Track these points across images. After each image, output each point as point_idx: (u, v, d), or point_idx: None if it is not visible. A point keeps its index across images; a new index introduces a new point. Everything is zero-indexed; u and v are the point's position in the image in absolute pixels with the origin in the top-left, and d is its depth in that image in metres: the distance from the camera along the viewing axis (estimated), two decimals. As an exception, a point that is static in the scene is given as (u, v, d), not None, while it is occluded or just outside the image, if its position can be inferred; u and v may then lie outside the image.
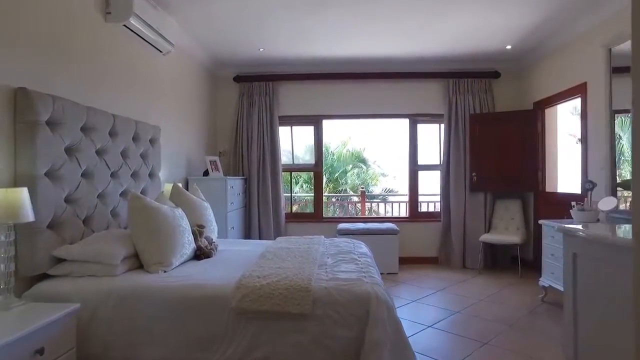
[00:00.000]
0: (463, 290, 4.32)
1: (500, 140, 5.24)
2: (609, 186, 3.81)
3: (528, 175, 5.12)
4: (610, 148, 3.80)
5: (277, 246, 2.99)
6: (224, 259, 2.76)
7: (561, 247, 3.58)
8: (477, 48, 4.92)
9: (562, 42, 4.43)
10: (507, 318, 3.44)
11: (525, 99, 5.37)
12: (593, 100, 4.05)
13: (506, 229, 5.27)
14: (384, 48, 4.92)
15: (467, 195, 5.43)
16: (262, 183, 5.44)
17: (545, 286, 3.85)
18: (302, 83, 5.59)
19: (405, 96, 5.65)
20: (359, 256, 2.72)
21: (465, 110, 5.46)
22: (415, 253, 5.58)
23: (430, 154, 5.98)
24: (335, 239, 3.52)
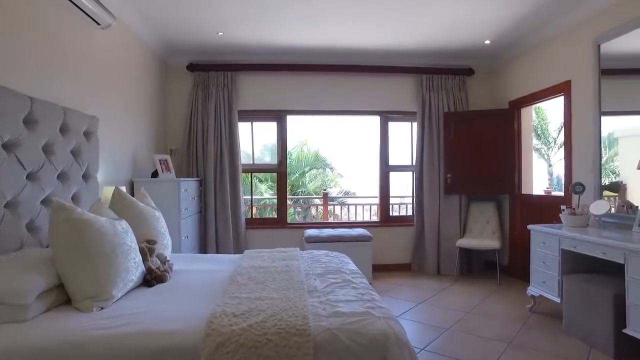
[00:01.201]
0: (445, 301, 3.97)
1: (476, 140, 4.98)
2: (596, 189, 3.62)
3: (505, 177, 4.90)
4: (597, 150, 3.62)
5: (249, 264, 2.44)
6: (183, 284, 2.16)
7: (555, 254, 3.33)
8: (454, 42, 4.62)
9: (546, 38, 4.22)
10: (504, 335, 3.11)
11: (500, 97, 5.16)
12: (578, 100, 3.86)
13: (481, 233, 5.03)
14: (356, 38, 4.49)
15: (441, 197, 5.13)
16: (220, 185, 4.82)
17: (535, 296, 3.58)
18: (264, 74, 5.03)
19: (376, 92, 5.26)
20: (352, 276, 2.24)
21: (439, 108, 5.16)
22: (387, 260, 5.20)
23: (402, 154, 5.63)
24: (315, 252, 3.02)
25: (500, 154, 4.90)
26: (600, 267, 3.24)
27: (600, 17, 3.55)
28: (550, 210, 4.28)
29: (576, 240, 3.11)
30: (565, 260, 3.27)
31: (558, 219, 3.97)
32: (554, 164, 10.26)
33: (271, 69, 4.99)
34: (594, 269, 3.24)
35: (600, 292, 2.87)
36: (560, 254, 3.28)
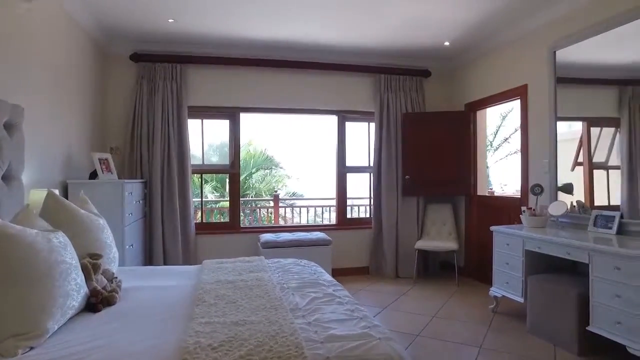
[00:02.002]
0: (409, 305, 3.89)
1: (433, 141, 4.98)
2: (553, 190, 3.72)
3: (461, 179, 4.95)
4: (554, 152, 3.71)
5: (213, 278, 2.14)
6: (138, 306, 1.82)
7: (519, 255, 3.36)
8: (414, 42, 4.58)
9: (504, 41, 4.29)
10: (473, 338, 3.07)
11: (456, 100, 5.21)
12: (534, 104, 3.95)
13: (438, 235, 5.04)
14: (315, 34, 4.31)
15: (399, 199, 5.08)
16: (168, 187, 4.41)
17: (498, 296, 3.60)
18: (218, 68, 4.68)
19: (334, 91, 5.10)
20: (332, 288, 2.03)
21: (397, 108, 5.11)
22: (345, 264, 5.06)
23: (359, 155, 5.52)
24: (282, 261, 2.78)
25: (457, 155, 4.95)
26: (561, 266, 3.32)
27: (556, 24, 3.64)
28: (505, 211, 4.37)
29: (541, 241, 3.14)
30: (529, 261, 3.30)
31: (513, 220, 4.07)
32: (490, 166, 10.75)
33: (225, 62, 4.65)
34: (555, 269, 3.31)
35: (564, 291, 2.91)
36: (524, 255, 3.30)
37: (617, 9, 3.06)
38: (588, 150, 3.53)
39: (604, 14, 3.17)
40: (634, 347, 2.42)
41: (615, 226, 3.03)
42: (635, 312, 2.41)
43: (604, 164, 3.41)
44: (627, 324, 2.45)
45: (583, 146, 3.58)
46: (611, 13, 3.11)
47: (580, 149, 3.60)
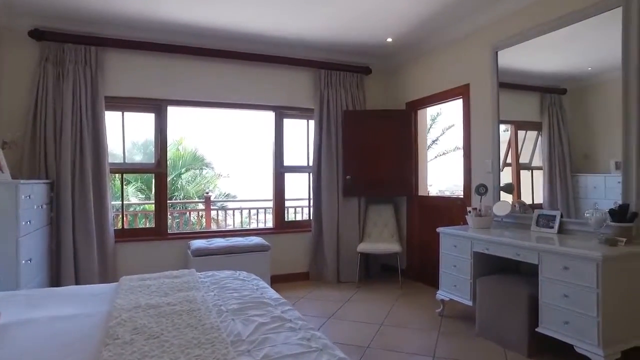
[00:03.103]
0: (354, 314, 3.68)
1: (374, 140, 4.84)
2: (496, 190, 3.71)
3: (403, 179, 4.86)
4: (496, 152, 3.71)
5: (131, 303, 1.72)
6: (16, 353, 1.34)
7: (467, 257, 3.27)
8: (356, 37, 4.40)
9: (446, 40, 4.24)
10: (425, 346, 2.91)
11: (397, 98, 5.12)
12: (477, 103, 3.93)
13: (380, 236, 4.91)
14: (253, 22, 3.96)
15: (340, 200, 4.88)
16: (80, 189, 3.80)
17: (445, 300, 3.50)
18: (141, 54, 4.14)
19: (271, 85, 4.77)
20: (281, 309, 1.71)
21: (337, 106, 4.91)
22: (284, 270, 4.75)
23: (298, 154, 5.23)
24: (217, 274, 2.39)
25: (398, 155, 4.85)
26: (504, 267, 3.29)
27: (498, 24, 3.63)
28: (447, 212, 4.34)
29: (489, 243, 3.07)
30: (476, 262, 3.23)
31: (455, 220, 4.03)
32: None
33: (151, 48, 4.12)
34: (499, 270, 3.27)
35: (514, 293, 2.85)
36: (472, 257, 3.23)
37: (551, 16, 3.13)
38: (515, 151, 3.63)
39: (541, 18, 3.22)
40: (581, 346, 2.40)
41: (556, 225, 3.05)
42: (583, 311, 2.39)
43: (528, 165, 3.56)
44: (575, 323, 2.43)
45: (511, 148, 3.65)
46: (548, 18, 3.17)
47: (508, 151, 3.66)
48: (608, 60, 2.91)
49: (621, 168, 2.74)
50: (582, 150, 3.12)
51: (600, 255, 2.31)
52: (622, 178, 2.73)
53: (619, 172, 2.78)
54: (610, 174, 2.90)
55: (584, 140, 3.11)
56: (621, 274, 2.41)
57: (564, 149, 3.23)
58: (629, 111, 2.70)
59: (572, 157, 3.17)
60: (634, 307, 2.47)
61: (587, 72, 3.14)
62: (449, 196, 5.99)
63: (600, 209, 2.76)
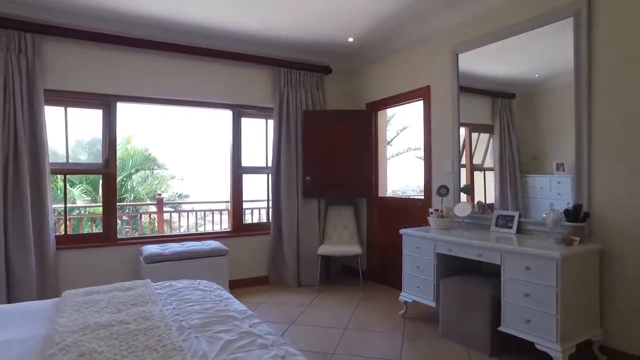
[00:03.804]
0: (317, 318, 3.59)
1: (335, 141, 4.79)
2: (456, 192, 3.77)
3: (363, 180, 4.84)
4: (457, 154, 3.77)
5: (78, 322, 1.52)
6: None
7: (430, 258, 3.28)
8: (317, 36, 4.32)
9: (408, 42, 4.25)
10: (391, 350, 2.88)
11: (357, 99, 5.10)
12: (437, 105, 3.97)
13: (341, 238, 4.86)
14: (211, 16, 3.77)
15: (299, 202, 4.78)
16: (15, 191, 3.44)
17: (408, 301, 3.50)
18: (88, 45, 3.82)
19: (229, 83, 4.59)
20: (249, 322, 1.58)
21: (297, 105, 4.81)
22: (242, 274, 4.59)
23: (256, 154, 5.07)
24: (175, 284, 2.21)
25: (359, 156, 4.83)
26: (465, 268, 3.33)
27: (459, 28, 3.69)
28: (407, 213, 4.36)
29: (452, 244, 3.10)
30: (440, 264, 3.25)
31: (415, 222, 4.06)
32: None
33: (101, 39, 3.81)
34: (460, 271, 3.31)
35: (477, 293, 2.88)
36: (435, 258, 3.24)
37: (506, 23, 3.25)
38: (470, 153, 3.73)
39: (497, 25, 3.33)
40: (541, 343, 2.46)
41: (515, 225, 3.13)
42: (543, 309, 2.45)
43: (481, 166, 3.68)
44: (535, 321, 2.49)
45: (466, 149, 3.73)
46: (503, 25, 3.29)
47: (463, 152, 3.75)
48: (553, 68, 3.09)
49: (574, 170, 2.85)
50: (530, 152, 3.25)
51: (560, 255, 2.38)
52: (574, 180, 2.84)
53: (559, 172, 2.99)
54: (554, 175, 3.05)
55: (531, 142, 3.24)
56: (576, 272, 2.51)
57: (514, 151, 3.35)
58: (580, 116, 2.81)
59: (521, 159, 3.30)
60: (585, 303, 2.59)
61: (534, 79, 3.27)
62: (409, 197, 6.06)
63: (556, 209, 2.85)
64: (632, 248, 2.57)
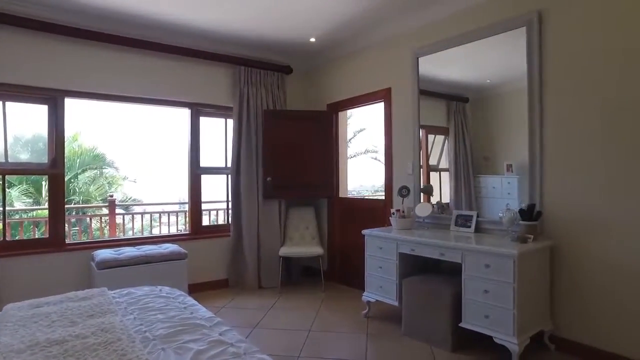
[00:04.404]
0: (280, 320, 3.55)
1: (296, 141, 4.77)
2: (417, 192, 3.85)
3: (324, 181, 4.84)
4: (417, 155, 3.85)
5: (24, 340, 1.39)
6: None
7: (393, 258, 3.32)
8: (278, 35, 4.27)
9: (370, 43, 4.29)
10: (356, 351, 2.89)
11: (318, 99, 5.09)
12: (398, 107, 4.04)
13: (302, 239, 4.84)
14: (168, 9, 3.62)
15: (260, 203, 4.71)
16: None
17: (371, 301, 3.53)
18: (32, 34, 3.54)
19: (187, 80, 4.44)
20: (218, 330, 1.51)
21: (257, 105, 4.74)
22: (201, 278, 4.45)
23: (215, 154, 4.93)
24: (135, 292, 2.10)
25: (319, 157, 4.82)
26: (426, 266, 3.41)
27: (420, 32, 3.78)
28: (368, 213, 4.41)
29: (415, 244, 3.16)
30: (402, 263, 3.30)
31: (377, 222, 4.12)
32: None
33: (44, 28, 3.54)
34: (421, 270, 3.38)
35: (438, 291, 2.96)
36: (398, 258, 3.29)
37: (464, 30, 3.39)
38: (426, 154, 3.84)
39: (456, 31, 3.45)
40: (499, 337, 2.57)
41: (473, 225, 3.24)
42: (501, 305, 2.56)
43: (437, 167, 3.81)
44: (494, 316, 2.59)
45: (422, 151, 3.84)
46: (461, 31, 3.41)
47: (420, 153, 3.86)
48: (504, 74, 3.26)
49: (528, 172, 3.00)
50: (482, 153, 3.39)
51: (516, 252, 2.49)
52: (528, 181, 2.99)
53: (509, 173, 3.16)
54: (504, 175, 3.20)
55: (483, 144, 3.39)
56: (530, 268, 2.64)
57: (467, 152, 3.49)
58: (533, 122, 2.95)
59: (474, 160, 3.45)
60: (538, 297, 2.75)
61: (486, 84, 3.42)
62: (370, 197, 6.14)
63: (511, 209, 2.98)
64: (577, 243, 2.75)
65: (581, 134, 2.74)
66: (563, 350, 2.80)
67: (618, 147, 2.57)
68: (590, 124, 2.69)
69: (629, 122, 2.52)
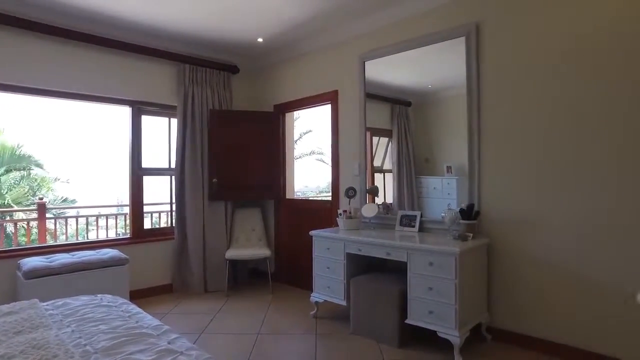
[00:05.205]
0: (228, 324, 3.48)
1: (242, 142, 4.70)
2: (363, 193, 3.94)
3: (271, 182, 4.81)
4: (363, 157, 3.94)
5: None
6: None
7: (340, 259, 3.37)
8: (225, 33, 4.19)
9: (318, 45, 4.33)
10: (306, 351, 2.91)
11: (264, 100, 5.05)
12: (345, 109, 4.12)
13: (249, 241, 4.78)
14: (110, 1, 3.42)
15: (205, 205, 4.59)
16: None
17: (319, 301, 3.56)
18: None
19: (128, 77, 4.23)
20: (167, 338, 1.45)
21: (203, 104, 4.62)
22: (143, 284, 4.26)
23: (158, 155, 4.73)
24: (71, 302, 1.95)
25: (266, 158, 4.79)
26: (372, 265, 3.51)
27: (366, 37, 3.87)
28: (315, 214, 4.45)
29: (361, 244, 3.23)
30: (349, 263, 3.36)
31: (324, 223, 4.17)
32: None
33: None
34: (367, 269, 3.47)
35: (385, 290, 3.05)
36: (345, 258, 3.34)
37: (408, 36, 3.54)
38: (371, 156, 3.97)
39: (400, 37, 3.60)
40: (442, 331, 2.70)
41: (417, 224, 3.37)
42: (444, 300, 2.69)
43: (381, 168, 3.94)
44: (437, 312, 2.72)
45: (368, 152, 3.96)
46: (405, 38, 3.56)
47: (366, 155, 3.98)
48: (445, 80, 3.45)
49: (467, 173, 3.17)
50: (423, 155, 3.55)
51: (458, 250, 2.63)
52: (468, 182, 3.16)
53: (449, 174, 3.34)
54: (444, 176, 3.37)
55: (424, 146, 3.55)
56: (470, 265, 2.80)
57: (410, 154, 3.64)
58: (472, 126, 3.13)
59: (416, 161, 3.61)
60: (477, 291, 2.93)
61: (427, 89, 3.59)
62: (317, 199, 6.18)
63: (452, 208, 3.14)
64: (509, 241, 2.97)
65: (514, 139, 2.95)
66: (499, 340, 2.99)
67: (545, 152, 2.79)
68: (521, 130, 2.91)
69: (556, 129, 2.75)
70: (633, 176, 2.45)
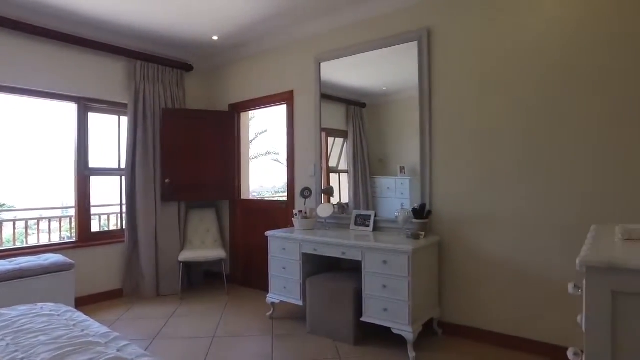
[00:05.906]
0: (182, 329, 3.39)
1: (196, 141, 4.59)
2: (318, 193, 3.97)
3: (226, 182, 4.74)
4: (319, 158, 3.97)
5: None
6: None
7: (296, 259, 3.38)
8: (179, 30, 4.08)
9: (274, 45, 4.31)
10: (263, 353, 2.89)
11: (219, 99, 4.97)
12: (300, 109, 4.13)
13: (203, 243, 4.68)
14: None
15: (158, 206, 4.45)
16: None
17: (276, 302, 3.55)
18: None
19: (74, 72, 4.02)
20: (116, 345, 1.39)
21: (155, 102, 4.47)
22: (91, 290, 4.07)
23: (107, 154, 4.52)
24: (6, 312, 1.83)
25: (221, 158, 4.71)
26: (329, 265, 3.54)
27: (322, 38, 3.91)
28: (270, 215, 4.44)
29: (317, 244, 3.25)
30: (305, 263, 3.38)
31: (280, 223, 4.17)
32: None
33: None
34: (324, 268, 3.51)
35: (341, 289, 3.09)
36: (301, 258, 3.35)
37: (362, 39, 3.62)
38: (326, 156, 4.02)
39: (355, 40, 3.66)
40: (396, 327, 2.78)
41: (371, 224, 3.45)
42: (397, 297, 2.77)
43: (336, 168, 3.99)
44: (391, 309, 2.79)
45: (323, 153, 4.01)
46: (359, 41, 3.64)
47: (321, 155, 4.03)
48: (398, 83, 3.56)
49: (419, 174, 3.28)
50: (377, 156, 3.64)
51: (411, 249, 2.71)
52: (420, 182, 3.27)
53: (402, 175, 3.44)
54: (397, 176, 3.47)
55: (379, 147, 3.64)
56: (422, 262, 2.90)
57: (365, 154, 3.71)
58: (424, 128, 3.24)
59: (371, 162, 3.68)
60: (428, 287, 3.03)
61: (382, 91, 3.69)
62: (272, 199, 6.15)
63: (406, 208, 3.24)
64: (458, 238, 3.11)
65: (462, 141, 3.08)
66: (449, 334, 3.12)
67: (492, 153, 2.95)
68: (468, 132, 3.05)
69: (504, 131, 2.91)
70: (571, 176, 2.64)
